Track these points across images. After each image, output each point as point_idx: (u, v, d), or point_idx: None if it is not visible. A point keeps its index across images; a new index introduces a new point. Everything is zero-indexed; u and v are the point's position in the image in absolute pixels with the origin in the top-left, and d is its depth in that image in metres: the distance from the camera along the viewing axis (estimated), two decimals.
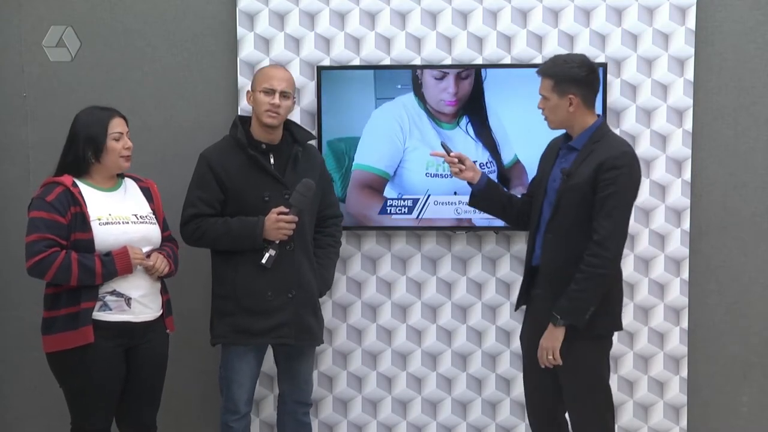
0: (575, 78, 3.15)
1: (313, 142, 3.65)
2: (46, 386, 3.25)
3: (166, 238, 3.38)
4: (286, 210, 3.33)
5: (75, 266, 3.04)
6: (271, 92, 3.37)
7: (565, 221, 3.16)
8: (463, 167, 3.31)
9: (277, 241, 3.32)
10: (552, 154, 3.33)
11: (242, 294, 3.37)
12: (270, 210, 3.33)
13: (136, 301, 3.18)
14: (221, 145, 3.46)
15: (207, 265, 3.52)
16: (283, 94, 3.38)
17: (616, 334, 3.79)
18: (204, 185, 3.39)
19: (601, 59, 3.80)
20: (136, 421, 3.32)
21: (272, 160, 3.41)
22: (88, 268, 3.06)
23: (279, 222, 3.30)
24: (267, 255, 3.30)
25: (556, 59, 3.24)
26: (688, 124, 3.84)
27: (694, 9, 3.79)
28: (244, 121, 3.48)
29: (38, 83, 3.97)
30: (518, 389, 3.93)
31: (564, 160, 3.24)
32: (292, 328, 3.41)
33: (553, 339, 3.14)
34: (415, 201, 3.83)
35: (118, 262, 3.10)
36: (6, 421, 4.09)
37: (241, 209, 3.37)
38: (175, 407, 3.89)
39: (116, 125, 3.20)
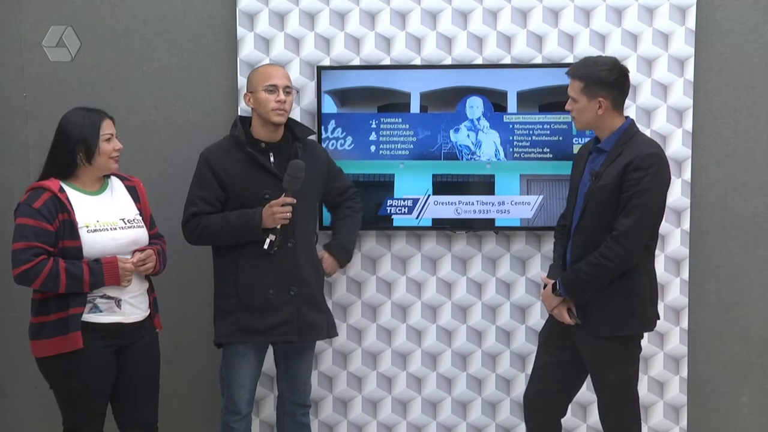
0: (606, 81, 3.15)
1: (313, 137, 3.65)
2: (46, 386, 3.25)
3: (154, 235, 3.37)
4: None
5: (63, 275, 3.03)
6: (274, 90, 3.38)
7: (590, 223, 3.17)
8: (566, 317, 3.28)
9: (279, 226, 3.32)
10: (582, 158, 3.35)
11: (244, 292, 3.37)
12: None
13: (126, 302, 3.18)
14: (221, 145, 3.47)
15: (208, 264, 3.52)
16: (286, 90, 3.40)
17: None
18: (204, 184, 3.39)
19: None
20: (137, 422, 3.31)
21: (272, 159, 3.42)
22: (76, 276, 3.05)
23: (272, 207, 3.30)
24: (268, 241, 3.30)
25: (587, 61, 3.23)
26: (688, 124, 3.83)
27: (694, 9, 3.79)
28: (244, 121, 3.48)
29: (38, 83, 3.97)
30: (518, 389, 3.93)
31: (593, 163, 3.25)
32: (294, 326, 3.41)
33: (548, 299, 3.29)
34: (415, 201, 3.83)
35: (106, 273, 3.09)
36: (6, 421, 4.09)
37: (242, 207, 3.37)
38: (176, 408, 3.89)
39: (107, 127, 3.20)
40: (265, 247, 3.30)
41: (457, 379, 3.98)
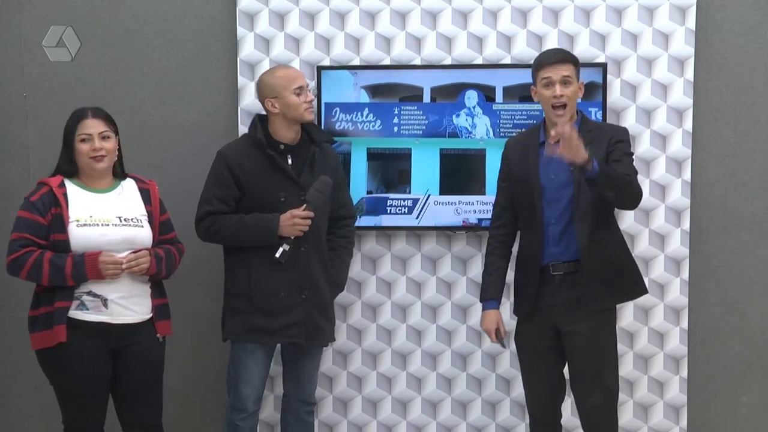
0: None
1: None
2: (46, 386, 3.25)
3: (169, 240, 3.36)
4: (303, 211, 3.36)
5: (46, 266, 3.07)
6: (302, 91, 3.40)
7: (592, 201, 3.19)
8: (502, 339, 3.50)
9: (293, 237, 3.33)
10: (526, 153, 3.34)
11: (256, 292, 3.38)
12: (286, 210, 3.35)
13: (113, 302, 3.17)
14: (239, 144, 3.48)
15: (215, 263, 3.52)
16: (308, 88, 3.46)
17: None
18: (221, 183, 3.40)
19: (601, 59, 3.80)
20: (138, 423, 3.32)
21: (290, 161, 3.43)
22: (58, 268, 3.08)
23: (294, 218, 3.32)
24: (281, 249, 3.31)
25: (560, 48, 3.51)
26: (688, 124, 3.83)
27: (694, 9, 3.79)
28: (263, 120, 3.48)
29: (38, 83, 3.97)
30: (518, 389, 3.93)
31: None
32: (303, 329, 3.42)
33: (581, 151, 3.00)
34: (415, 201, 3.84)
35: (87, 265, 3.09)
36: (6, 421, 4.09)
37: (256, 208, 3.38)
38: (181, 406, 3.88)
39: (84, 126, 3.19)
40: (277, 255, 3.30)
41: (457, 379, 3.98)
